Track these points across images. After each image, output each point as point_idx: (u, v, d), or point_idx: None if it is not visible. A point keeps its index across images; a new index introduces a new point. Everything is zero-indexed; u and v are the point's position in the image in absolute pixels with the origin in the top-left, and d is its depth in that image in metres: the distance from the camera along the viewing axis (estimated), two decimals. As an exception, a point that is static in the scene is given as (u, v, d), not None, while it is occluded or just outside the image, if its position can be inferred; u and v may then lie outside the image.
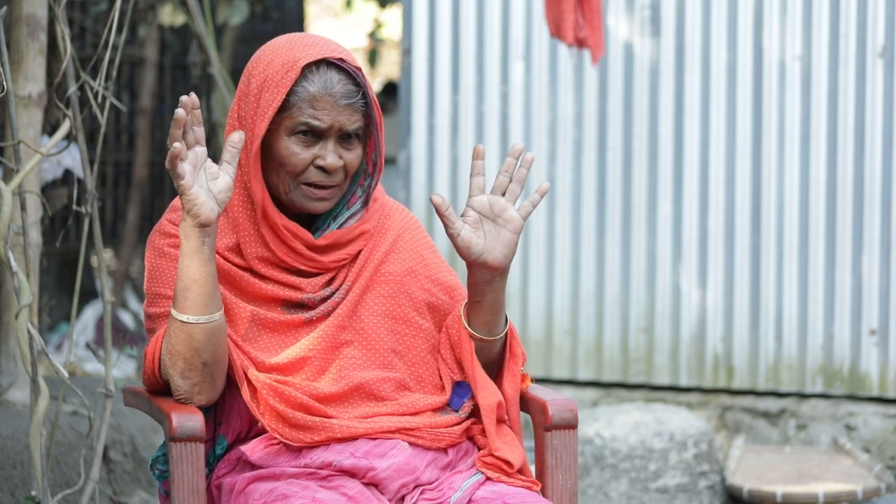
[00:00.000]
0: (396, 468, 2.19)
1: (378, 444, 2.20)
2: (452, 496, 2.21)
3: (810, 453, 4.76)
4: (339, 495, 2.14)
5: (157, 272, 2.25)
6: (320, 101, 2.18)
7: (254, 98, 2.21)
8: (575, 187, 5.19)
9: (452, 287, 2.38)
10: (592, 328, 5.18)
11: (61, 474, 3.62)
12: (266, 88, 2.19)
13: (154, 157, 6.97)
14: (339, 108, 2.19)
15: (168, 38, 6.75)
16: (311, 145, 2.20)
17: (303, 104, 2.18)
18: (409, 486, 2.21)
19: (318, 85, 2.18)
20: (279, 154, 2.20)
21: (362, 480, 2.18)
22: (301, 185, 2.22)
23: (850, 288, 4.92)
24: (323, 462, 2.18)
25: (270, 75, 2.19)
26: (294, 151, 2.20)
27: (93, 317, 6.08)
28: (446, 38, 5.30)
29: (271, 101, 2.18)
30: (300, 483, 2.15)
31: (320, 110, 2.19)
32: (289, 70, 2.18)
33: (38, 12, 3.43)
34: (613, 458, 4.48)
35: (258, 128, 2.19)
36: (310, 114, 2.18)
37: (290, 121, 2.19)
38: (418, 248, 2.38)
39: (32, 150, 3.18)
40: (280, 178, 2.22)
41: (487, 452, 2.26)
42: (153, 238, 2.29)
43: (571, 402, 2.32)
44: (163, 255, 2.25)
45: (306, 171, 2.21)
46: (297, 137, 2.20)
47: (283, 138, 2.20)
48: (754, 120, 5.02)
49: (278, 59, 2.20)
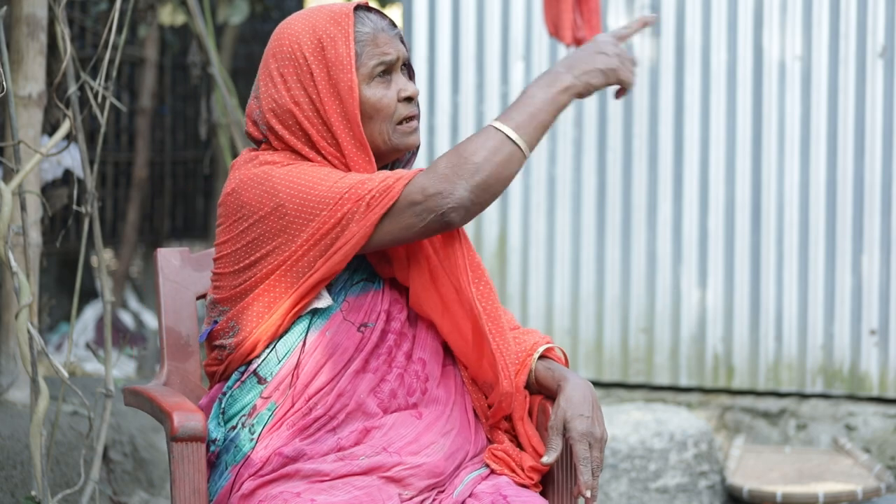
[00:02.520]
0: (427, 469, 2.19)
1: (416, 440, 2.20)
2: (455, 491, 2.21)
3: (810, 453, 4.76)
4: (343, 493, 2.13)
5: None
6: (379, 36, 2.21)
7: (316, 65, 2.18)
8: (575, 187, 5.19)
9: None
10: (592, 328, 5.18)
11: (61, 474, 3.62)
12: (327, 46, 2.18)
13: (154, 157, 6.97)
14: (392, 39, 2.22)
15: (168, 38, 6.75)
16: (388, 84, 2.22)
17: (368, 47, 2.20)
18: (431, 488, 2.20)
19: (370, 25, 2.21)
20: (370, 105, 2.19)
21: (385, 474, 2.17)
22: (397, 126, 2.22)
23: (850, 288, 4.92)
24: (352, 453, 2.16)
25: (323, 33, 2.19)
26: (383, 93, 2.20)
27: (93, 317, 6.08)
28: (446, 38, 5.30)
29: (344, 51, 2.17)
30: (304, 485, 2.15)
31: (383, 45, 2.21)
32: (340, 19, 2.19)
33: (38, 12, 3.43)
34: (613, 458, 4.48)
35: (346, 81, 2.17)
36: (378, 52, 2.20)
37: (365, 69, 2.19)
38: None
39: (32, 150, 3.19)
40: (376, 128, 2.21)
41: (499, 447, 2.27)
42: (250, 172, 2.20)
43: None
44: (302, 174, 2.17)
45: (397, 111, 2.21)
46: (377, 81, 2.21)
47: (364, 89, 2.19)
48: (754, 120, 5.02)
49: (319, 18, 2.21)
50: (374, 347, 2.22)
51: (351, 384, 2.20)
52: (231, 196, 2.20)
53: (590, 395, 2.24)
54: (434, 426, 2.23)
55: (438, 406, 2.26)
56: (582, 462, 2.19)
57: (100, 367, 4.89)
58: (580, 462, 2.19)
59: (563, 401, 2.22)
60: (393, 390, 2.22)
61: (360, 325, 2.21)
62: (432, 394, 2.26)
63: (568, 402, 2.22)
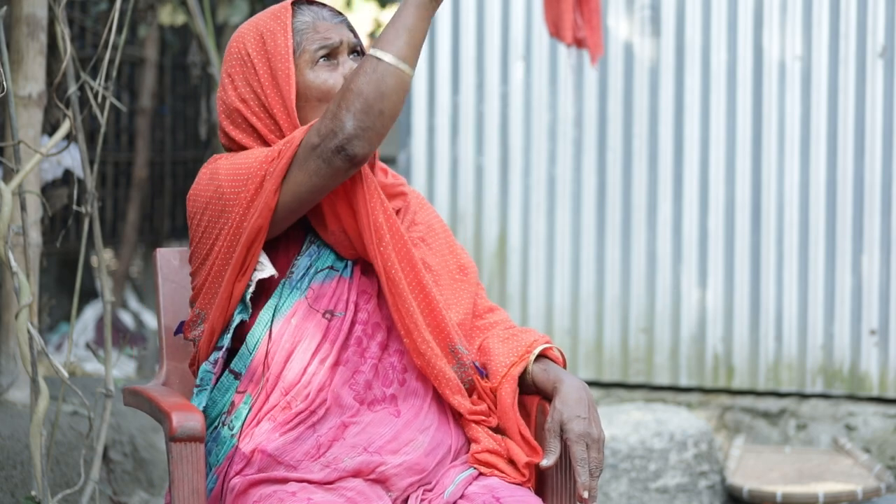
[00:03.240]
0: (408, 466, 2.19)
1: (395, 438, 2.20)
2: (446, 491, 2.21)
3: (810, 453, 4.76)
4: (338, 496, 2.14)
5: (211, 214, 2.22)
6: (319, 24, 2.26)
7: (258, 59, 2.24)
8: (575, 187, 5.19)
9: (465, 265, 2.40)
10: (592, 328, 5.18)
11: (61, 474, 3.62)
12: (267, 39, 2.24)
13: (154, 157, 6.97)
14: (336, 25, 2.27)
15: (168, 38, 6.75)
16: (335, 68, 2.25)
17: (308, 34, 2.24)
18: (416, 485, 2.21)
19: (310, 15, 2.26)
20: (314, 88, 2.23)
21: (370, 476, 2.18)
22: None
23: (850, 288, 4.92)
24: (335, 457, 2.17)
25: (264, 28, 2.25)
26: (328, 76, 2.24)
27: (93, 317, 6.08)
28: (446, 38, 5.30)
29: (281, 42, 2.23)
30: (299, 485, 2.15)
31: (324, 31, 2.25)
32: (279, 13, 2.26)
33: (38, 12, 3.43)
34: (613, 458, 4.48)
35: (283, 70, 2.21)
36: (319, 38, 2.24)
37: (307, 55, 2.24)
38: (435, 226, 2.42)
39: (32, 150, 3.18)
40: (321, 112, 2.23)
41: (482, 449, 2.26)
42: (213, 171, 2.25)
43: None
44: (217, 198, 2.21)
45: None
46: (321, 65, 2.24)
47: (308, 74, 2.24)
48: (754, 120, 5.02)
49: (261, 17, 2.28)
50: (345, 338, 2.23)
51: (328, 377, 2.21)
52: (189, 198, 2.27)
53: (585, 396, 2.24)
54: (413, 423, 2.24)
55: (417, 399, 2.26)
56: (579, 463, 2.19)
57: (100, 367, 4.89)
58: (577, 463, 2.19)
59: (560, 402, 2.23)
60: (368, 381, 2.23)
61: (324, 312, 2.23)
62: (410, 385, 2.26)
63: (564, 404, 2.23)
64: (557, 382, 2.26)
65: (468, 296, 2.37)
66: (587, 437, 2.20)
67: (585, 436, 2.20)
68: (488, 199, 5.26)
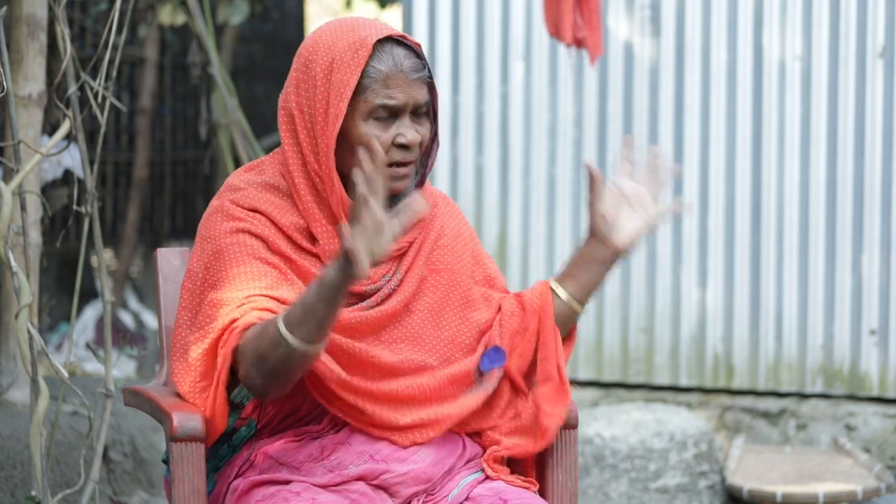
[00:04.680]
0: (414, 475, 2.18)
1: (400, 449, 2.19)
2: (450, 494, 2.21)
3: (810, 453, 4.76)
4: (342, 498, 2.13)
5: (220, 272, 2.16)
6: (393, 78, 2.16)
7: (321, 82, 2.17)
8: (575, 187, 5.19)
9: (493, 277, 2.37)
10: (592, 328, 5.18)
11: (61, 474, 3.62)
12: (336, 70, 2.15)
13: (154, 157, 6.97)
14: (410, 83, 2.17)
15: (168, 38, 6.75)
16: (388, 126, 2.17)
17: (376, 85, 2.15)
18: (421, 493, 2.20)
19: (388, 63, 2.16)
20: (356, 137, 2.16)
21: (373, 482, 2.17)
22: (387, 167, 2.16)
23: (850, 288, 4.92)
24: (340, 462, 2.16)
25: (338, 56, 2.16)
26: (376, 134, 2.16)
27: (93, 317, 6.08)
28: (446, 38, 5.30)
29: (346, 81, 2.14)
30: (303, 485, 2.15)
31: (394, 88, 2.16)
32: (358, 48, 2.15)
33: (38, 12, 3.43)
34: (613, 458, 4.48)
35: (335, 109, 2.15)
36: (385, 94, 2.15)
37: (365, 105, 2.16)
38: (464, 236, 2.36)
39: (32, 150, 3.19)
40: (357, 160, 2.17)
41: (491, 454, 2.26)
42: (213, 225, 2.20)
43: (572, 402, 2.32)
44: (227, 253, 2.17)
45: (389, 152, 2.17)
46: (374, 121, 2.17)
47: (359, 124, 2.16)
48: (754, 120, 5.02)
49: (343, 39, 2.17)
50: None
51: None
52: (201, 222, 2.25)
53: None
54: None
55: None
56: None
57: (100, 367, 4.89)
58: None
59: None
60: None
61: None
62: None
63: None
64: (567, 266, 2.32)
65: (494, 310, 2.33)
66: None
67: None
68: (488, 199, 5.26)
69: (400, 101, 2.16)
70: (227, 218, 2.19)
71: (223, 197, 2.23)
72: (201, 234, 2.22)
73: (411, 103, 2.18)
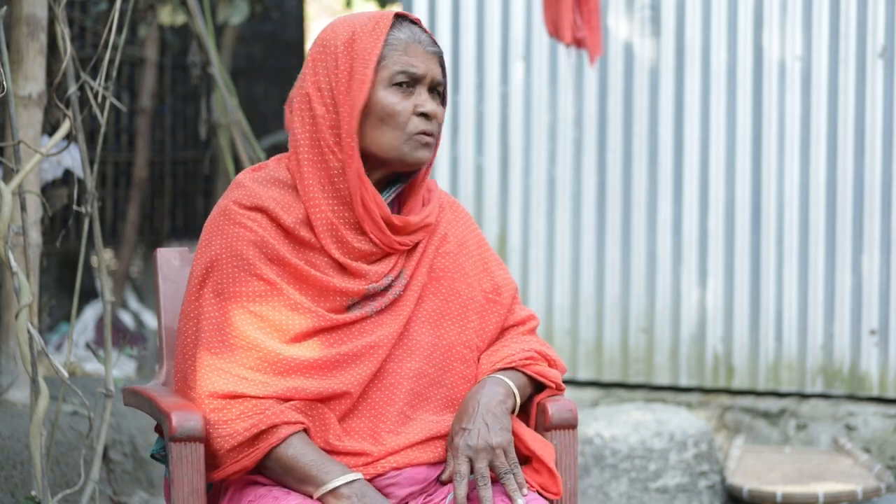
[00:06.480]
0: (408, 476, 2.19)
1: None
2: (449, 494, 2.20)
3: (810, 453, 4.76)
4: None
5: (218, 294, 2.18)
6: (412, 47, 2.19)
7: (343, 54, 2.18)
8: (575, 187, 5.19)
9: (500, 285, 2.35)
10: (592, 328, 5.18)
11: (61, 474, 3.62)
12: (358, 39, 2.18)
13: (154, 157, 6.97)
14: (427, 55, 2.21)
15: (168, 38, 6.75)
16: (408, 96, 2.19)
17: (396, 53, 2.18)
18: (417, 494, 2.20)
19: (407, 33, 2.20)
20: (382, 108, 2.17)
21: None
22: (412, 136, 2.19)
23: (850, 288, 4.92)
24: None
25: (359, 28, 2.19)
26: (398, 101, 2.18)
27: (93, 317, 6.09)
28: (446, 37, 5.30)
29: (370, 48, 2.17)
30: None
31: (413, 56, 2.19)
32: (379, 20, 2.19)
33: (38, 12, 3.43)
34: (613, 458, 4.48)
35: (360, 76, 2.16)
36: (405, 61, 2.18)
37: (386, 71, 2.18)
38: (469, 244, 2.35)
39: (32, 150, 3.19)
40: (386, 135, 2.18)
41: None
42: (212, 235, 2.21)
43: (571, 402, 2.32)
44: (222, 270, 2.18)
45: (410, 122, 2.19)
46: (395, 88, 2.18)
47: (381, 89, 2.18)
48: (754, 120, 5.02)
49: (361, 17, 2.22)
50: None
51: None
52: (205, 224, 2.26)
53: (476, 405, 2.20)
54: None
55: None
56: (456, 478, 2.15)
57: (100, 367, 4.89)
58: (455, 477, 2.16)
59: (455, 418, 2.22)
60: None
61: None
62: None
63: (455, 419, 2.22)
64: (469, 396, 2.24)
65: (497, 318, 2.33)
66: (468, 450, 2.16)
67: (466, 449, 2.16)
68: (488, 199, 5.26)
69: (420, 70, 2.19)
70: (228, 222, 2.20)
71: (228, 196, 2.24)
72: (203, 239, 2.23)
73: (430, 75, 2.21)
